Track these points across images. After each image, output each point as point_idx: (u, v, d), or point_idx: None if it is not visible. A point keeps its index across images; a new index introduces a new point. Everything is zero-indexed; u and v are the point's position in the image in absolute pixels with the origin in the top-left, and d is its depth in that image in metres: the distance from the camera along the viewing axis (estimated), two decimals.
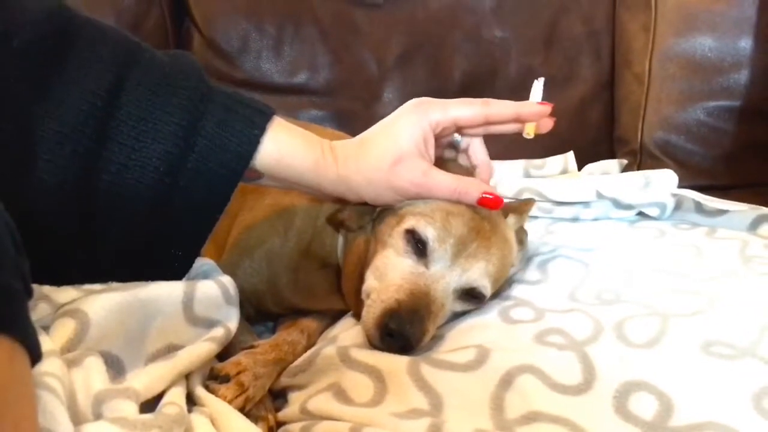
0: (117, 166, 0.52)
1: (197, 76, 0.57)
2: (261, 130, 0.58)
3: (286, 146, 0.60)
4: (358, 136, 0.68)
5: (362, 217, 0.73)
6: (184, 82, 0.56)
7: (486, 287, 0.69)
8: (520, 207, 0.80)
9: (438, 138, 0.69)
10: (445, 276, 0.66)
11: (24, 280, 0.33)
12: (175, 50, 0.61)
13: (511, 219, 0.77)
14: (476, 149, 0.74)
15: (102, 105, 0.51)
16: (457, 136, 0.74)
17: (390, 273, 0.67)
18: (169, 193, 0.55)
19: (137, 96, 0.53)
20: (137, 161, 0.53)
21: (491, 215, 0.70)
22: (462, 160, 0.76)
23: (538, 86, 0.70)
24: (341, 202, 0.74)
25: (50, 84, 0.50)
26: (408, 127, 0.65)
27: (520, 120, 0.69)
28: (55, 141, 0.50)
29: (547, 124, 0.69)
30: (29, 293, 0.33)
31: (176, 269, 0.60)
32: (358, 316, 0.72)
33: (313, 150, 0.63)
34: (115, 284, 0.59)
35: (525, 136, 0.69)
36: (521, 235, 0.79)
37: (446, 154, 0.76)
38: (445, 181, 0.66)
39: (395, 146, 0.64)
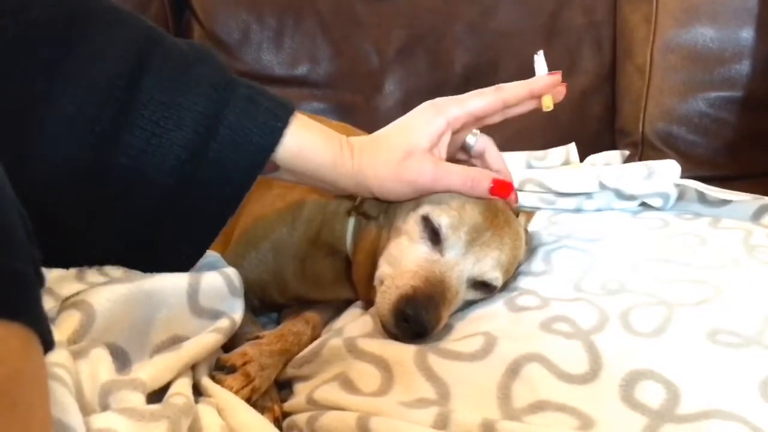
0: (136, 150, 0.51)
1: (219, 66, 0.56)
2: (284, 123, 0.58)
3: (306, 140, 0.60)
4: (373, 134, 0.68)
5: (381, 205, 0.73)
6: (206, 70, 0.55)
7: (498, 277, 0.69)
8: (525, 213, 0.82)
9: (455, 134, 0.69)
10: (460, 263, 0.67)
11: (36, 268, 0.32)
12: (193, 41, 0.60)
13: (522, 218, 0.78)
14: (492, 154, 0.74)
15: (124, 86, 0.50)
16: (469, 140, 0.74)
17: (405, 259, 0.67)
18: (187, 182, 0.54)
19: (160, 80, 0.52)
20: (158, 147, 0.52)
21: (504, 209, 0.71)
22: (477, 165, 0.76)
23: (539, 60, 0.71)
24: (352, 198, 0.74)
25: (69, 60, 0.48)
26: (422, 125, 0.66)
27: (534, 95, 0.69)
28: (71, 121, 0.48)
29: (561, 92, 0.70)
30: (41, 281, 0.33)
31: (186, 260, 0.60)
32: (367, 303, 0.72)
33: (332, 145, 0.63)
34: (119, 275, 0.59)
35: (545, 109, 0.70)
36: (526, 236, 0.80)
37: (458, 156, 0.76)
38: (456, 171, 0.66)
39: (407, 141, 0.65)
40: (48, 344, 0.32)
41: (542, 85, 0.69)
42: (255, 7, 1.37)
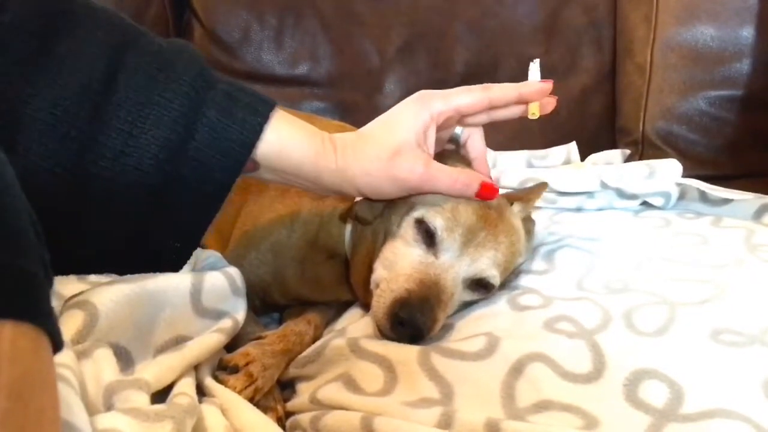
0: (114, 151, 0.50)
1: (198, 62, 0.55)
2: (264, 118, 0.57)
3: (287, 137, 0.59)
4: (357, 130, 0.67)
5: (374, 209, 0.73)
6: (185, 68, 0.54)
7: (495, 277, 0.69)
8: (527, 195, 0.80)
9: (440, 129, 0.68)
10: (455, 265, 0.66)
11: (46, 269, 0.32)
12: (173, 38, 0.59)
13: (517, 207, 0.77)
14: (475, 142, 0.74)
15: (98, 87, 0.49)
16: (457, 130, 0.74)
17: (399, 263, 0.67)
18: (168, 182, 0.53)
19: (136, 80, 0.51)
20: (135, 148, 0.50)
21: (497, 203, 0.70)
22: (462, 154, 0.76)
23: (534, 68, 0.71)
24: (340, 198, 0.74)
25: (43, 63, 0.48)
26: (408, 119, 0.65)
27: (522, 101, 0.68)
28: (47, 123, 0.47)
29: (550, 104, 0.69)
30: (50, 282, 0.33)
31: (174, 261, 0.59)
32: (366, 306, 0.72)
33: (313, 141, 0.62)
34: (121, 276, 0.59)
35: (530, 116, 0.69)
36: (528, 224, 0.79)
37: (447, 146, 0.76)
38: (446, 173, 0.65)
39: (394, 137, 0.64)
40: (57, 345, 0.32)
41: (532, 90, 0.68)
42: (255, 6, 1.37)
